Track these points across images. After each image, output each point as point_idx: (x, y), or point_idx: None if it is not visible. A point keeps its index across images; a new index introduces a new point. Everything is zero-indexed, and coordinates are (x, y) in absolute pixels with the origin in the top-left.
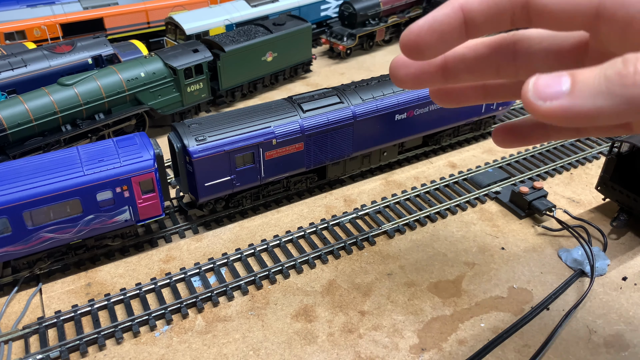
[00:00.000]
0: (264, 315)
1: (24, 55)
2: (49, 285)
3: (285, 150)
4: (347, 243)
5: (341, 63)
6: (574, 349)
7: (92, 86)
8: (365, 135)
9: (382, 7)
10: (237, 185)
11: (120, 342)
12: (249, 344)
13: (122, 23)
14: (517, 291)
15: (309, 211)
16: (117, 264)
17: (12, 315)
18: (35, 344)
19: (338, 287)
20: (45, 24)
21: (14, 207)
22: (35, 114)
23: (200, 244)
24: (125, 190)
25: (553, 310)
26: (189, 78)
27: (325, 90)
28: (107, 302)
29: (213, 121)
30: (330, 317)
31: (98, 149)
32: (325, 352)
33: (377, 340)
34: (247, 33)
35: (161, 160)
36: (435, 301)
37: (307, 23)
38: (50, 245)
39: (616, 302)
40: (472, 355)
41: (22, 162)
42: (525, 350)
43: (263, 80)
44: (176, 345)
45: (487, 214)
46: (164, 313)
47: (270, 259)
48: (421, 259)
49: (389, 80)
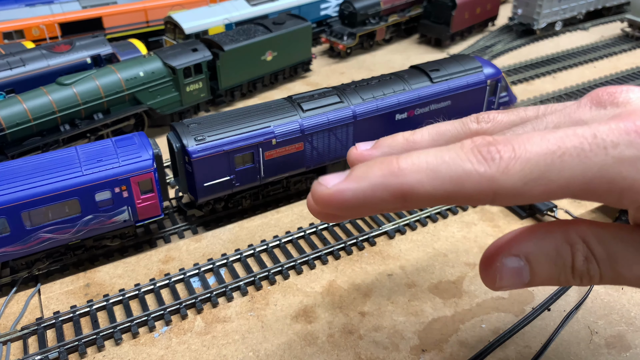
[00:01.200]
0: (263, 316)
1: (23, 55)
2: (47, 285)
3: (285, 150)
4: (347, 243)
5: (341, 62)
6: (575, 350)
7: (90, 86)
8: (365, 135)
9: (382, 6)
10: (237, 186)
11: (119, 343)
12: (249, 344)
13: (121, 22)
14: (518, 292)
15: (309, 211)
16: (116, 265)
17: (10, 316)
18: (34, 344)
19: (338, 287)
20: (44, 24)
21: (13, 207)
22: (33, 113)
23: (199, 245)
24: (124, 191)
25: (554, 311)
26: (188, 77)
27: (325, 90)
28: (106, 303)
29: (212, 121)
30: (330, 318)
31: (97, 149)
32: (326, 353)
33: (377, 341)
34: (247, 32)
35: (160, 160)
36: (435, 302)
37: (307, 22)
38: (48, 245)
39: (617, 303)
40: (473, 356)
41: (21, 162)
42: (526, 351)
43: (263, 79)
44: (175, 346)
45: (488, 214)
46: (163, 314)
47: (270, 260)
48: (422, 259)
49: (390, 79)
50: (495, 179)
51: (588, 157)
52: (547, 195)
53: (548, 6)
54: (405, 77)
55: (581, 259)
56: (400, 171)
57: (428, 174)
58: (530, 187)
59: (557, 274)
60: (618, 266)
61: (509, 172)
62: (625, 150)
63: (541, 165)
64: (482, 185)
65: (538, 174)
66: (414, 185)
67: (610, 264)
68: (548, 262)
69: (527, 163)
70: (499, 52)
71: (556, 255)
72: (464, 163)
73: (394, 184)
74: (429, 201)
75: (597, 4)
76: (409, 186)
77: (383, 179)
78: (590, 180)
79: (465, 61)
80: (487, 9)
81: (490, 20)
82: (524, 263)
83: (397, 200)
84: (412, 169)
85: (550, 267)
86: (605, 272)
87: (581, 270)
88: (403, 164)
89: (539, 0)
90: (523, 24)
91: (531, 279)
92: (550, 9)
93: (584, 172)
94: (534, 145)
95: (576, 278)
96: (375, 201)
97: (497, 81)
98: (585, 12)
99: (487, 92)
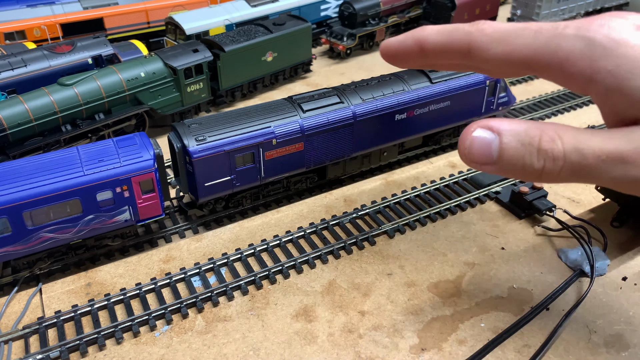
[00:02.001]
0: (264, 315)
1: (24, 55)
2: (49, 285)
3: (285, 150)
4: (347, 243)
5: (341, 63)
6: (574, 349)
7: (92, 86)
8: (365, 135)
9: (382, 7)
10: (237, 185)
11: (120, 342)
12: (249, 344)
13: (122, 23)
14: (517, 291)
15: (309, 211)
16: (117, 264)
17: (12, 315)
18: (35, 344)
19: (338, 287)
20: (45, 24)
21: (14, 207)
22: (35, 114)
23: (200, 244)
24: (125, 190)
25: (553, 310)
26: (189, 78)
27: (325, 90)
28: (107, 302)
29: (213, 121)
30: (330, 317)
31: (98, 149)
32: (326, 352)
33: (377, 340)
34: (247, 33)
35: (161, 160)
36: (435, 301)
37: (307, 23)
38: (50, 245)
39: (616, 302)
40: (472, 355)
41: (22, 162)
42: (525, 350)
43: (263, 80)
44: (176, 345)
45: (487, 214)
46: (164, 313)
47: (270, 259)
48: (421, 259)
49: (389, 80)
50: (472, 34)
51: (541, 33)
52: (507, 56)
53: (547, 7)
54: (404, 78)
55: (547, 139)
56: (422, 29)
57: (437, 29)
58: (495, 46)
59: (522, 152)
60: (582, 148)
61: (483, 31)
62: (568, 30)
63: (506, 32)
64: (463, 37)
65: (502, 37)
66: (428, 36)
67: (575, 148)
68: (516, 139)
69: (497, 30)
70: None
71: (524, 134)
72: (458, 26)
73: (417, 36)
74: (436, 49)
75: (595, 4)
76: (424, 36)
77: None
78: (538, 48)
79: None
80: (486, 9)
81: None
82: (495, 136)
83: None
84: (428, 28)
85: (517, 145)
86: (571, 155)
87: (546, 149)
88: (426, 27)
89: (538, 1)
90: None
91: (499, 155)
92: (549, 10)
93: (535, 41)
94: (507, 24)
95: (540, 160)
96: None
97: (496, 82)
98: (584, 12)
99: (486, 93)
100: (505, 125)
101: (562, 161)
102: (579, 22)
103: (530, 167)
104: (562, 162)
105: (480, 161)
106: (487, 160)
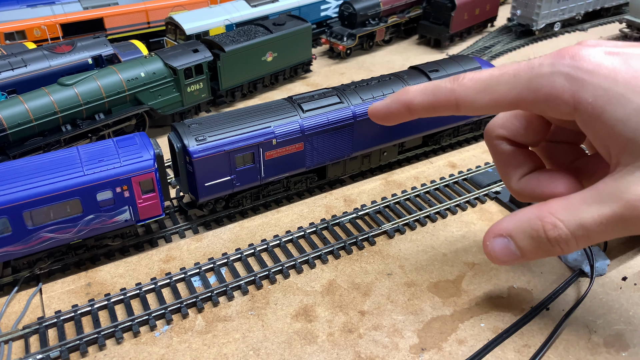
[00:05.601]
0: (264, 315)
1: (24, 55)
2: (49, 285)
3: (285, 150)
4: (347, 243)
5: (341, 63)
6: (574, 349)
7: (92, 86)
8: (365, 135)
9: (382, 7)
10: (237, 185)
11: (120, 342)
12: (249, 343)
13: (122, 23)
14: (517, 291)
15: (309, 211)
16: (117, 264)
17: (12, 315)
18: (35, 343)
19: (338, 287)
20: (45, 24)
21: (14, 207)
22: (35, 114)
23: (200, 244)
24: (126, 190)
25: (553, 310)
26: (189, 78)
27: (325, 90)
28: (107, 302)
29: (213, 121)
30: (330, 317)
31: (98, 149)
32: (325, 352)
33: (377, 340)
34: (247, 33)
35: (161, 160)
36: (435, 301)
37: (307, 23)
38: (50, 245)
39: (616, 302)
40: (472, 355)
41: (22, 162)
42: (525, 350)
43: (263, 80)
44: (176, 345)
45: (487, 214)
46: (164, 313)
47: (270, 259)
48: (421, 258)
49: (389, 80)
50: (455, 90)
51: (520, 75)
52: (495, 103)
53: (547, 7)
54: (404, 78)
55: (550, 228)
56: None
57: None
58: (481, 97)
59: (537, 244)
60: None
61: (464, 85)
62: (544, 68)
63: (486, 82)
64: (447, 95)
65: (484, 87)
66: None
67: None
68: (525, 236)
69: (477, 81)
70: (498, 53)
71: (530, 229)
72: (440, 84)
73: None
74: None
75: (595, 4)
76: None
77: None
78: (521, 91)
79: (464, 62)
80: (486, 9)
81: (490, 21)
82: (508, 240)
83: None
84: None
85: (530, 241)
86: (576, 232)
87: (554, 237)
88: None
89: (538, 1)
90: (522, 25)
91: (521, 252)
92: (549, 10)
93: (516, 84)
94: (484, 72)
95: (555, 246)
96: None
97: None
98: (584, 12)
99: None
100: (509, 225)
101: (572, 240)
102: (551, 57)
103: (552, 252)
104: (574, 241)
105: (510, 262)
106: (515, 258)
